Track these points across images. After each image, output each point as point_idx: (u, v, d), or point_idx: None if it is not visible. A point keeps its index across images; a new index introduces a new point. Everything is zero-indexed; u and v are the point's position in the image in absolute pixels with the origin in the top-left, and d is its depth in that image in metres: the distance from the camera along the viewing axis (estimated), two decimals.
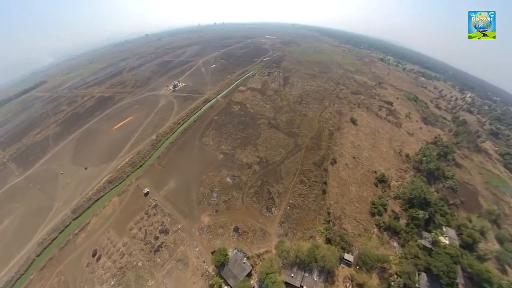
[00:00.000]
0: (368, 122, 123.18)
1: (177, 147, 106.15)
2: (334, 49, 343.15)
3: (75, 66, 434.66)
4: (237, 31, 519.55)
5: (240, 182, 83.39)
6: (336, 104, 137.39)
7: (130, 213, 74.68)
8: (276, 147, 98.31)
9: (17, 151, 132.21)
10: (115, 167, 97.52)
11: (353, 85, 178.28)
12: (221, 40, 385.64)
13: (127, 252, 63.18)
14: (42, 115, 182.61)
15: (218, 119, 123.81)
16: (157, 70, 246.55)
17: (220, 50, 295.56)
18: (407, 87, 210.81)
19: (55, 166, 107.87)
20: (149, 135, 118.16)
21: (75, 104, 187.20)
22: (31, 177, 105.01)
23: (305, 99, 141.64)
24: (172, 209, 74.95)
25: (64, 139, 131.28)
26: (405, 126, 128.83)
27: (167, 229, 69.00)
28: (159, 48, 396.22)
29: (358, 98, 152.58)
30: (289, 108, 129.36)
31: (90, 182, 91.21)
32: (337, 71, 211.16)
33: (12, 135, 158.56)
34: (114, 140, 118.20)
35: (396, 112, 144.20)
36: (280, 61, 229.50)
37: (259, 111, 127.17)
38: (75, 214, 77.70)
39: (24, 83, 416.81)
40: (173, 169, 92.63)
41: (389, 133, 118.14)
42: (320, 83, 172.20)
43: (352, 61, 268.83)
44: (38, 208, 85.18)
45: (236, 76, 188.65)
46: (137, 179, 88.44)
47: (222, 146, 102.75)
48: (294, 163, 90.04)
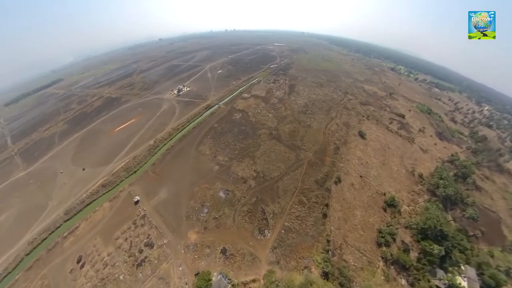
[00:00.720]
0: (378, 136, 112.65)
1: (173, 155, 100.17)
2: (343, 57, 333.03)
3: (91, 66, 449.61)
4: (247, 38, 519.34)
5: (233, 198, 75.65)
6: (343, 115, 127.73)
7: (119, 221, 70.37)
8: (276, 161, 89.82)
9: (25, 146, 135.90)
10: (110, 171, 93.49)
11: (362, 95, 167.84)
12: (230, 46, 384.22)
13: (110, 263, 59.36)
14: (53, 112, 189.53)
15: (217, 127, 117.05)
16: (165, 73, 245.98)
17: (228, 56, 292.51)
18: (419, 99, 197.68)
19: (56, 164, 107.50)
20: (148, 139, 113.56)
21: (85, 103, 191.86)
22: (33, 173, 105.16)
23: (310, 108, 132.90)
24: (160, 222, 69.08)
25: (69, 137, 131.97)
26: (419, 142, 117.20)
27: (152, 242, 63.42)
28: (170, 52, 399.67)
29: (367, 109, 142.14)
30: (292, 118, 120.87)
31: (85, 184, 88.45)
32: (345, 80, 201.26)
33: (23, 129, 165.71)
34: (114, 143, 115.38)
35: (408, 125, 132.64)
36: (287, 69, 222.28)
37: (260, 120, 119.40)
38: (67, 215, 75.17)
39: (43, 79, 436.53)
40: (166, 178, 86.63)
41: (400, 149, 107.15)
42: (328, 92, 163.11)
43: (361, 70, 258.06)
44: (34, 205, 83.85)
45: (241, 83, 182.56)
46: (130, 185, 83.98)
47: (219, 156, 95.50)
48: (294, 180, 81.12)
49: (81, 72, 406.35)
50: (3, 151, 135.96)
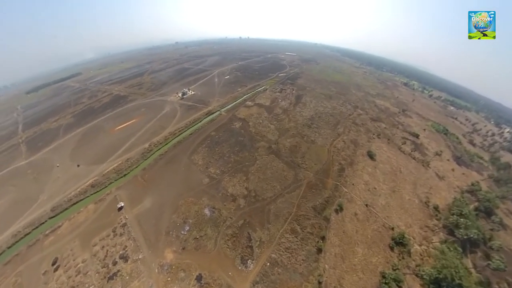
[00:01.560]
0: (389, 157, 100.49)
1: (165, 161, 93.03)
2: (355, 70, 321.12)
3: (109, 63, 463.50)
4: (259, 46, 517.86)
5: (219, 218, 66.41)
6: (351, 132, 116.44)
7: (99, 226, 65.58)
8: (271, 179, 79.87)
9: (32, 134, 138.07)
10: (102, 171, 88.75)
11: (373, 110, 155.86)
12: (242, 52, 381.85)
13: (83, 271, 54.99)
14: (65, 104, 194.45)
15: (214, 135, 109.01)
16: (174, 75, 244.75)
17: (238, 62, 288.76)
18: (434, 117, 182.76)
19: (55, 156, 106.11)
20: (144, 142, 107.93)
21: (94, 98, 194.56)
22: (33, 163, 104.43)
23: (316, 122, 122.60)
24: (139, 233, 62.01)
25: (72, 131, 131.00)
26: (434, 166, 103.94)
27: (127, 256, 56.77)
28: (184, 55, 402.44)
29: (378, 126, 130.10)
30: (295, 132, 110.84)
31: (76, 182, 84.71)
32: (356, 93, 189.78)
33: (35, 118, 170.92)
34: (112, 142, 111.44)
35: (422, 146, 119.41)
36: (295, 78, 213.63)
37: (261, 132, 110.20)
38: (53, 212, 71.94)
39: (64, 72, 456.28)
40: (153, 186, 79.59)
41: (414, 174, 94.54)
42: (336, 105, 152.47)
43: (373, 84, 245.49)
44: (26, 196, 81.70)
45: (246, 90, 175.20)
46: (117, 189, 77.96)
47: (211, 168, 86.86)
48: (289, 204, 70.69)
49: (99, 68, 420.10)
50: (12, 138, 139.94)
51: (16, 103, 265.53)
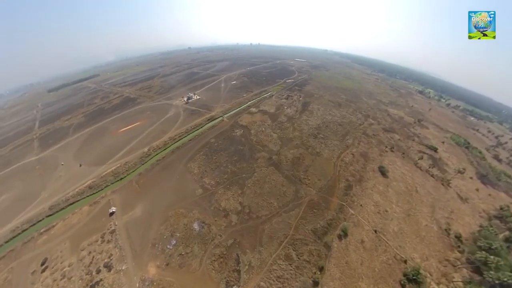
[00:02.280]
0: (403, 174, 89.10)
1: (161, 167, 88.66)
2: (366, 76, 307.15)
3: (125, 66, 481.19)
4: (269, 52, 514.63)
5: (208, 234, 59.78)
6: (362, 144, 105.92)
7: (90, 230, 63.44)
8: (268, 195, 71.52)
9: (46, 132, 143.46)
10: (101, 173, 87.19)
11: (386, 120, 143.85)
12: (251, 58, 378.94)
13: (68, 275, 53.03)
14: (79, 104, 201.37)
15: (214, 142, 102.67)
16: (183, 79, 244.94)
17: (246, 68, 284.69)
18: (454, 128, 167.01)
19: (62, 155, 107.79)
20: (144, 146, 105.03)
21: (106, 99, 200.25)
22: (42, 159, 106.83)
23: (323, 132, 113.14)
24: (126, 242, 58.46)
25: (81, 131, 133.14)
26: (456, 186, 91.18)
27: (112, 265, 53.44)
28: (195, 60, 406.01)
29: (391, 137, 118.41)
30: (300, 142, 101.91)
31: (76, 182, 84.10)
32: (367, 101, 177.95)
33: (51, 116, 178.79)
34: (115, 143, 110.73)
35: (442, 162, 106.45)
36: (304, 85, 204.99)
37: (262, 141, 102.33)
38: (50, 211, 71.45)
39: (84, 73, 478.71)
40: (146, 193, 75.44)
41: (432, 194, 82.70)
42: (346, 113, 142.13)
43: (385, 91, 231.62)
44: (29, 192, 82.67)
45: (252, 96, 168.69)
46: (112, 192, 75.46)
47: (206, 178, 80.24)
48: (285, 225, 61.97)
49: (115, 70, 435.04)
50: (29, 133, 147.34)
51: (38, 100, 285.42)
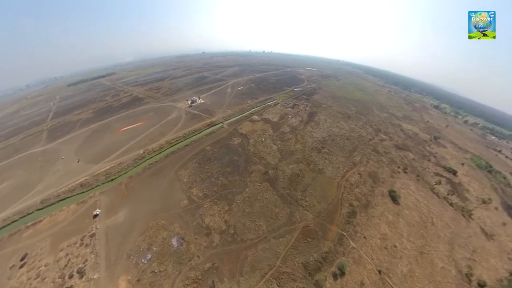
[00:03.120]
0: (418, 201, 76.60)
1: (152, 172, 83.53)
2: (378, 88, 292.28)
3: (141, 66, 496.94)
4: (280, 60, 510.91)
5: (185, 253, 52.63)
6: (371, 162, 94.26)
7: (72, 230, 60.29)
8: (258, 215, 62.10)
9: (56, 124, 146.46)
10: (94, 171, 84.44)
11: (399, 136, 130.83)
12: (262, 65, 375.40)
13: (42, 276, 50.00)
14: (91, 100, 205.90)
15: (209, 150, 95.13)
16: (191, 82, 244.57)
17: (255, 74, 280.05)
18: (473, 148, 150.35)
19: (64, 148, 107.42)
20: (140, 147, 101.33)
21: (116, 97, 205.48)
22: (46, 151, 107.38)
23: (328, 146, 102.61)
24: (102, 249, 54.27)
25: (87, 126, 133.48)
26: (479, 218, 77.51)
27: (84, 271, 49.48)
28: (206, 64, 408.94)
29: (405, 156, 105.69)
30: (301, 156, 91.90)
31: (71, 178, 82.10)
32: (379, 114, 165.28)
33: (64, 109, 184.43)
34: (114, 142, 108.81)
35: (462, 188, 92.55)
36: (312, 94, 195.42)
37: (260, 152, 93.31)
38: (41, 204, 69.53)
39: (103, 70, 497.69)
40: (132, 198, 70.84)
41: (450, 228, 69.80)
42: (355, 126, 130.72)
43: (398, 104, 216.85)
44: (27, 183, 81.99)
45: (256, 103, 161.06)
46: (101, 193, 72.19)
47: (194, 188, 72.81)
48: (272, 254, 52.26)
49: (131, 70, 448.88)
50: (41, 124, 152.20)
51: (57, 93, 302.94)
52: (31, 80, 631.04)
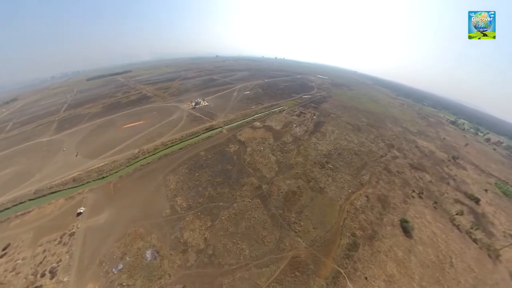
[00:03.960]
0: (434, 235, 64.29)
1: (142, 174, 78.48)
2: (391, 100, 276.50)
3: (156, 66, 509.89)
4: (291, 67, 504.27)
5: (157, 270, 46.13)
6: (381, 183, 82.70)
7: (55, 226, 57.62)
8: (242, 237, 53.23)
9: (67, 116, 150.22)
10: (89, 167, 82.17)
11: (414, 153, 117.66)
12: (272, 71, 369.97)
13: (17, 269, 47.50)
14: (103, 95, 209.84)
15: (203, 156, 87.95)
16: (199, 84, 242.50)
17: (264, 79, 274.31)
18: (498, 171, 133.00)
19: (68, 140, 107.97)
20: (136, 146, 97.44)
21: (127, 94, 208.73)
22: (52, 141, 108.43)
23: (333, 161, 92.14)
24: (78, 250, 50.62)
25: (93, 120, 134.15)
26: (508, 260, 64.29)
27: (56, 272, 46.16)
28: (218, 67, 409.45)
29: (420, 178, 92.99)
30: (301, 171, 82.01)
31: (66, 171, 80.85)
32: (392, 128, 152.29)
33: (77, 102, 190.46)
34: (114, 139, 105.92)
35: (486, 220, 78.81)
36: (321, 102, 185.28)
37: (256, 163, 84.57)
38: (35, 195, 68.25)
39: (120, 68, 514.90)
40: (118, 199, 66.55)
41: (474, 272, 57.34)
42: (365, 140, 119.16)
43: (412, 119, 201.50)
44: (28, 171, 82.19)
45: (261, 108, 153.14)
46: (90, 190, 69.47)
47: (179, 197, 65.92)
48: (251, 286, 43.77)
49: (146, 69, 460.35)
50: (54, 114, 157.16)
51: (75, 86, 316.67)
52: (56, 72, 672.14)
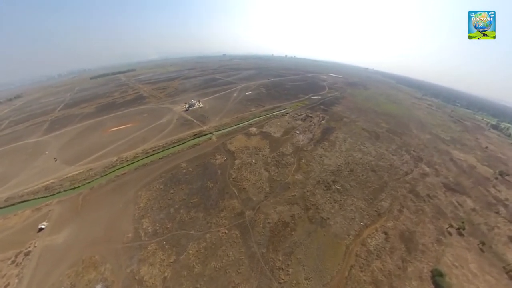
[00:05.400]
0: None
1: (114, 187, 69.51)
2: (415, 101, 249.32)
3: (161, 65, 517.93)
4: (302, 65, 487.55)
5: None
6: (406, 212, 64.34)
7: (13, 242, 51.80)
8: (208, 283, 39.82)
9: (60, 116, 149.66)
10: (64, 174, 76.44)
11: (449, 168, 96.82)
12: (280, 70, 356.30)
13: None
14: (101, 94, 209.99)
15: (183, 168, 75.33)
16: (199, 84, 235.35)
17: (270, 79, 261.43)
18: None
19: (54, 142, 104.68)
20: (116, 154, 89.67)
21: (124, 94, 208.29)
22: (38, 143, 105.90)
23: (343, 179, 74.89)
24: (28, 274, 44.14)
25: (84, 121, 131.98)
26: None
27: None
28: (222, 66, 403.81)
29: (459, 204, 73.26)
30: (299, 194, 65.69)
31: (41, 177, 76.03)
32: (418, 134, 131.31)
33: (74, 102, 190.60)
34: (96, 143, 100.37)
35: None
36: (332, 104, 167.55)
37: (243, 180, 69.56)
38: (5, 203, 64.36)
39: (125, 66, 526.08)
40: (83, 215, 58.58)
41: None
42: (385, 151, 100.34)
43: (443, 123, 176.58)
44: (6, 175, 78.75)
45: (261, 111, 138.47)
46: (58, 202, 62.97)
47: (146, 219, 54.84)
48: None
49: (150, 68, 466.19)
50: (49, 114, 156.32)
51: (78, 84, 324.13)
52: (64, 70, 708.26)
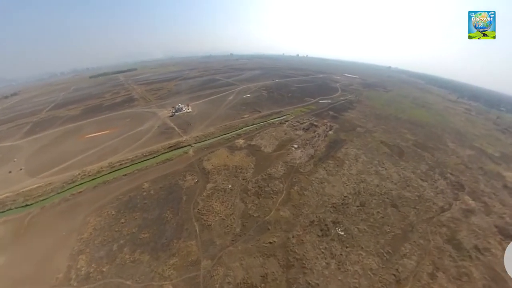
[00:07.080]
0: None
1: (66, 207, 59.94)
2: (450, 105, 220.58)
3: (163, 65, 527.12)
4: (313, 65, 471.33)
5: None
6: (441, 277, 43.62)
7: None
8: None
9: (46, 117, 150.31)
10: (22, 187, 69.77)
11: (504, 201, 71.57)
12: (288, 70, 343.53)
13: None
14: (93, 95, 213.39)
15: (144, 190, 61.96)
16: (196, 85, 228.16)
17: (274, 80, 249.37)
18: None
19: (26, 147, 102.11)
20: (81, 166, 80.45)
21: (115, 95, 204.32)
22: (12, 147, 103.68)
23: (347, 221, 55.14)
24: None
25: (65, 125, 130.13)
26: None
27: None
28: (226, 66, 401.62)
29: None
30: (281, 241, 47.33)
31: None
32: (456, 149, 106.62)
33: (64, 102, 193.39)
34: (67, 151, 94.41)
35: None
36: (344, 109, 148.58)
37: (210, 212, 53.07)
38: None
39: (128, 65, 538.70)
40: (22, 243, 50.41)
41: None
42: (411, 174, 78.06)
43: (489, 133, 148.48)
44: None
45: (255, 118, 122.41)
46: (3, 222, 56.02)
47: (83, 255, 43.31)
48: None
49: (152, 67, 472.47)
50: (34, 115, 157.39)
51: (74, 84, 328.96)
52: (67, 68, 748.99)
